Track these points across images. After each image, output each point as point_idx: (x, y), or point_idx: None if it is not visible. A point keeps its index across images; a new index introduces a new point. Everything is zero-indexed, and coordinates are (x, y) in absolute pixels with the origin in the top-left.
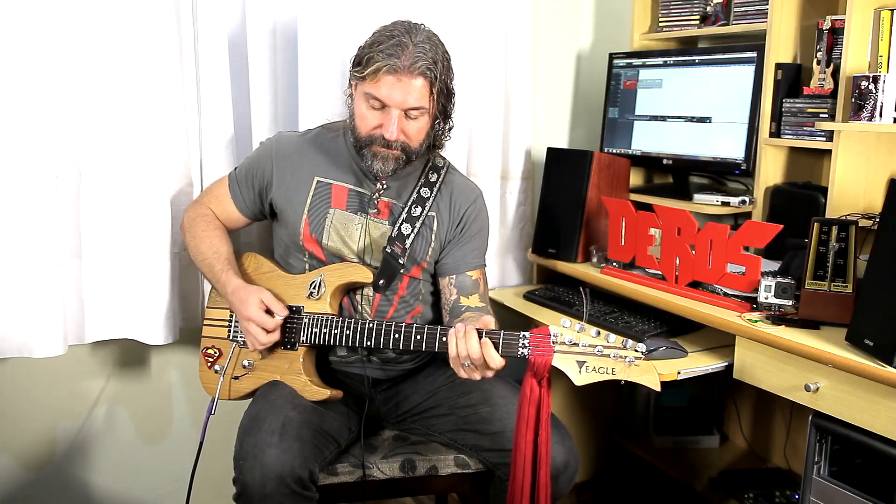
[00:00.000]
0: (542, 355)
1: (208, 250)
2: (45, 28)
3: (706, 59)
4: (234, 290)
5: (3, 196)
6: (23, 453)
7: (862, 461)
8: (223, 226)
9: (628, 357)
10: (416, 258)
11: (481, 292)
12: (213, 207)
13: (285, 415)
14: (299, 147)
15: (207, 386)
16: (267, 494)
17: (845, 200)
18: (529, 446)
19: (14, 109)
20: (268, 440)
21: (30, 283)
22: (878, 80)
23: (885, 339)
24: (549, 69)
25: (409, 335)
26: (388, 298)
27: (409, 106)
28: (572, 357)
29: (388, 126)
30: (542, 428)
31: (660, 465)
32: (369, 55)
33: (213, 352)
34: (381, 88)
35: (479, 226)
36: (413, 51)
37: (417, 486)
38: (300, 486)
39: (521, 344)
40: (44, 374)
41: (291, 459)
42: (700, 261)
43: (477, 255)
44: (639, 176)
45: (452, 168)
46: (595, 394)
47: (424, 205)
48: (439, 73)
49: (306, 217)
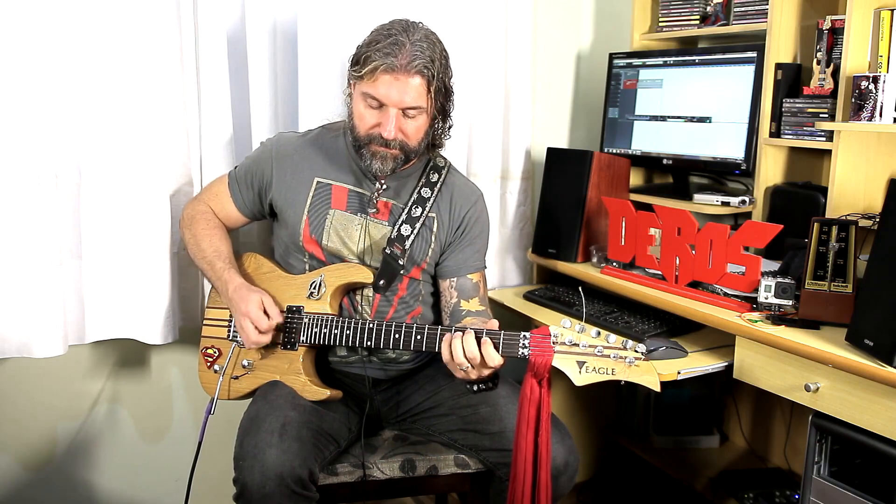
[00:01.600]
0: (543, 355)
1: (209, 248)
2: (45, 28)
3: (706, 59)
4: (237, 288)
5: (3, 196)
6: (23, 453)
7: (862, 461)
8: (223, 224)
9: (628, 357)
10: (415, 259)
11: (481, 295)
12: (212, 205)
13: (285, 415)
14: (299, 147)
15: (207, 386)
16: (267, 494)
17: (845, 200)
18: (530, 446)
19: (14, 109)
20: (268, 440)
21: (30, 283)
22: (878, 80)
23: (885, 339)
24: (549, 69)
25: (409, 335)
26: (388, 299)
27: (406, 105)
28: (572, 357)
29: (385, 125)
30: (542, 428)
31: (660, 465)
32: (367, 54)
33: (213, 352)
34: (378, 87)
35: (480, 228)
36: (410, 49)
37: (417, 486)
38: (300, 486)
39: (521, 344)
40: (44, 374)
41: (291, 459)
42: (700, 261)
43: (478, 257)
44: (639, 176)
45: (453, 168)
46: (595, 394)
47: (425, 205)
48: (437, 71)
49: (306, 218)
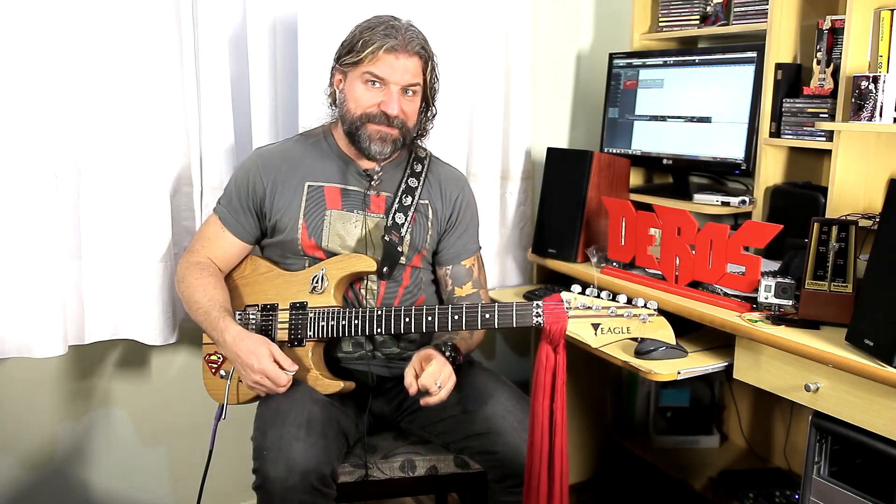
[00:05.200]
0: (558, 322)
1: (202, 298)
2: (45, 28)
3: (706, 59)
4: (236, 338)
5: (3, 196)
6: (23, 453)
7: (862, 461)
8: (219, 272)
9: (642, 315)
10: (416, 246)
11: (475, 278)
12: (206, 253)
13: (309, 409)
14: (283, 156)
15: (214, 392)
16: (289, 487)
17: (845, 200)
18: (546, 413)
19: (14, 109)
20: (294, 433)
21: (30, 283)
22: (878, 80)
23: (885, 339)
24: (549, 69)
25: (419, 318)
26: (393, 290)
27: (407, 82)
28: (587, 321)
29: (389, 102)
30: (557, 395)
31: (660, 465)
32: (364, 39)
33: (217, 357)
34: (380, 66)
35: (471, 213)
36: (406, 33)
37: (417, 486)
38: (322, 482)
39: (535, 313)
40: (44, 374)
41: (317, 455)
42: (700, 261)
43: (471, 241)
44: (639, 176)
45: (435, 157)
46: (595, 393)
47: (414, 194)
48: (430, 55)
49: (303, 222)
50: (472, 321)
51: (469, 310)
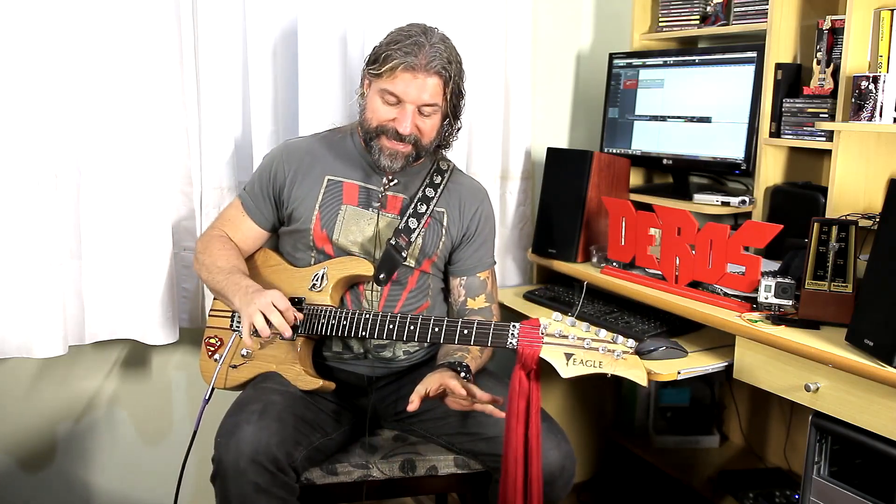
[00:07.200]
0: (531, 346)
1: (225, 263)
2: (45, 28)
3: (706, 59)
4: (258, 289)
5: (3, 196)
6: (23, 453)
7: (862, 461)
8: (238, 248)
9: (616, 351)
10: (426, 252)
11: (488, 291)
12: (227, 231)
13: (269, 398)
14: (308, 149)
15: (206, 375)
16: (241, 471)
17: (845, 200)
18: (520, 440)
19: (14, 109)
20: (247, 419)
21: (30, 283)
22: (878, 80)
23: (885, 339)
24: (549, 69)
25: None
26: (398, 293)
27: (423, 102)
28: (560, 349)
29: (402, 121)
30: (532, 421)
31: (660, 465)
32: (386, 53)
33: (215, 341)
34: (397, 84)
35: (490, 227)
36: (429, 50)
37: (417, 486)
38: (275, 466)
39: (510, 334)
40: (44, 374)
41: (268, 437)
42: (700, 261)
43: (487, 255)
44: (639, 176)
45: (457, 170)
46: (595, 393)
47: (429, 203)
48: (453, 73)
49: (317, 213)
50: (451, 335)
51: (449, 324)
